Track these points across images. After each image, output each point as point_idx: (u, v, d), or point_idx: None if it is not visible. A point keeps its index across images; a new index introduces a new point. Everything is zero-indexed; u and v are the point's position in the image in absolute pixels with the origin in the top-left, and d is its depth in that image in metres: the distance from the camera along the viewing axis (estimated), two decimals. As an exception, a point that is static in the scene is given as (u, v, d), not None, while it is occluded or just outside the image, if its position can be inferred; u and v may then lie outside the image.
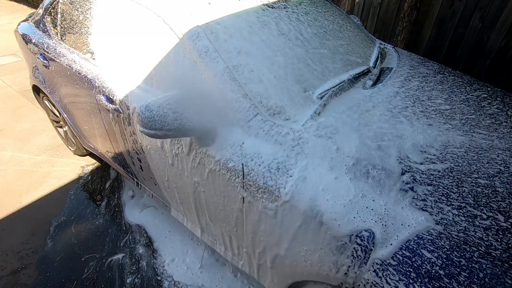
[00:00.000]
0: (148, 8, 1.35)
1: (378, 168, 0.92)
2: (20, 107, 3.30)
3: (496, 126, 1.16)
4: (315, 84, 1.23)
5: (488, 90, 1.45)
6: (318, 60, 1.32)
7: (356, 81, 1.36)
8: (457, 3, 2.41)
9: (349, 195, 0.87)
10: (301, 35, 1.37)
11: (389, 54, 1.74)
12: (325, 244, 0.89)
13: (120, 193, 2.24)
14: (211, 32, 1.21)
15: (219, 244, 1.43)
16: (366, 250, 0.81)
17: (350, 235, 0.83)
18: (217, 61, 1.14)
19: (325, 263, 0.91)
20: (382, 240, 0.80)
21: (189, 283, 1.61)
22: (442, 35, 2.59)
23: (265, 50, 1.23)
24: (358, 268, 0.82)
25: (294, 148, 1.00)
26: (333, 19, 1.63)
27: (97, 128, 1.83)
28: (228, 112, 1.11)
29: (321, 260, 0.92)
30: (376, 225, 0.82)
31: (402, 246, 0.78)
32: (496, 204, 0.84)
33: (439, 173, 0.93)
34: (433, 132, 1.08)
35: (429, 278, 0.72)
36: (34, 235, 1.90)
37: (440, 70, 1.60)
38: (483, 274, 0.70)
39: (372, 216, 0.83)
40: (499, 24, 2.27)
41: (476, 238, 0.76)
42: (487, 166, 0.97)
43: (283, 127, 1.05)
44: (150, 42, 1.35)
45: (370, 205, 0.85)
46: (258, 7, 1.39)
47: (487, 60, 2.42)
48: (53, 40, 1.95)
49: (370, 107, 1.18)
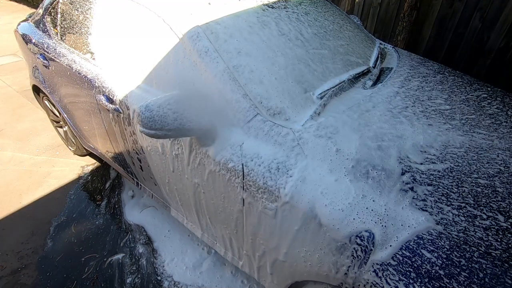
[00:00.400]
0: (148, 8, 1.35)
1: (378, 169, 0.92)
2: (20, 107, 3.30)
3: (496, 126, 1.16)
4: (315, 84, 1.23)
5: (488, 90, 1.45)
6: (318, 60, 1.32)
7: (356, 81, 1.36)
8: (457, 3, 2.41)
9: (349, 197, 0.87)
10: (301, 35, 1.37)
11: (389, 54, 1.74)
12: (324, 245, 0.89)
13: (120, 193, 2.24)
14: (211, 32, 1.21)
15: (219, 244, 1.44)
16: (366, 250, 0.81)
17: (350, 236, 0.83)
18: (217, 61, 1.14)
19: (325, 264, 0.91)
20: (382, 241, 0.80)
21: (189, 283, 1.61)
22: (442, 35, 2.59)
23: (265, 51, 1.23)
24: (358, 268, 0.82)
25: (294, 148, 1.00)
26: (333, 19, 1.63)
27: (97, 128, 1.83)
28: (228, 112, 1.11)
29: (321, 261, 0.92)
30: (376, 226, 0.82)
31: (402, 246, 0.78)
32: (496, 204, 0.84)
33: (439, 173, 0.93)
34: (433, 132, 1.08)
35: (429, 278, 0.72)
36: (34, 235, 1.90)
37: (440, 70, 1.60)
38: (483, 274, 0.70)
39: (372, 217, 0.83)
40: (499, 24, 2.27)
41: (476, 238, 0.76)
42: (487, 166, 0.97)
43: (283, 128, 1.05)
44: (150, 42, 1.35)
45: (370, 205, 0.85)
46: (258, 7, 1.39)
47: (487, 60, 2.42)
48: (53, 40, 1.95)
49: (370, 107, 1.18)
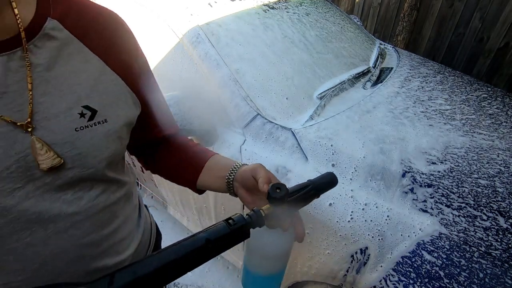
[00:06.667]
0: (148, 8, 1.35)
1: (379, 169, 0.92)
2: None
3: (496, 126, 1.16)
4: (315, 84, 1.23)
5: (488, 90, 1.45)
6: (318, 60, 1.32)
7: (356, 81, 1.36)
8: (457, 3, 2.41)
9: (351, 199, 0.87)
10: (301, 36, 1.37)
11: (389, 54, 1.74)
12: (326, 249, 0.89)
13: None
14: (211, 33, 1.21)
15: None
16: (365, 252, 0.81)
17: (352, 238, 0.83)
18: (217, 62, 1.15)
19: (325, 265, 0.91)
20: (384, 246, 0.80)
21: (189, 283, 1.61)
22: (442, 35, 2.59)
23: (265, 51, 1.23)
24: (357, 271, 0.83)
25: (294, 149, 1.00)
26: (333, 19, 1.63)
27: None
28: (228, 113, 1.11)
29: (322, 263, 0.92)
30: (378, 231, 0.82)
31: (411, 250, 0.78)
32: (496, 204, 0.84)
33: (439, 173, 0.93)
34: (434, 133, 1.08)
35: (429, 279, 0.72)
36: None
37: (440, 70, 1.60)
38: (483, 274, 0.70)
39: (373, 219, 0.83)
40: (499, 24, 2.27)
41: (476, 238, 0.76)
42: (487, 166, 0.97)
43: (283, 128, 1.05)
44: (150, 43, 1.35)
45: (371, 208, 0.85)
46: (259, 7, 1.39)
47: (487, 60, 2.43)
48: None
49: (371, 108, 1.18)
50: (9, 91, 0.40)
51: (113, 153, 0.49)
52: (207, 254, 0.43)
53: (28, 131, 0.41)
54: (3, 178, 0.40)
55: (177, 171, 0.66)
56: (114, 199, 0.54)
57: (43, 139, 0.42)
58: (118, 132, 0.49)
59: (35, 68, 0.41)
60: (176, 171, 0.66)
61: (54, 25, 0.43)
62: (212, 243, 0.42)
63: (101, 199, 0.51)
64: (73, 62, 0.45)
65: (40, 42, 0.42)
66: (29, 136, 0.41)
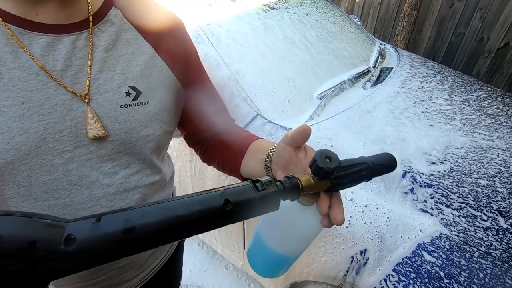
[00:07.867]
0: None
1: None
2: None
3: (496, 126, 1.16)
4: (315, 84, 1.23)
5: (488, 90, 1.45)
6: (318, 60, 1.32)
7: (356, 81, 1.36)
8: (457, 3, 2.41)
9: (349, 202, 0.88)
10: (302, 36, 1.37)
11: (389, 54, 1.74)
12: (326, 251, 0.89)
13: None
14: (212, 34, 1.21)
15: (220, 244, 1.44)
16: (365, 253, 0.81)
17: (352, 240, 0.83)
18: (217, 62, 1.15)
19: (326, 266, 0.91)
20: (383, 249, 0.80)
21: (189, 283, 1.61)
22: (442, 35, 2.59)
23: (265, 51, 1.23)
24: (356, 272, 0.83)
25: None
26: (333, 19, 1.63)
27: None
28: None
29: (322, 263, 0.92)
30: (377, 233, 0.82)
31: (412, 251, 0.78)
32: (496, 204, 0.85)
33: (439, 173, 0.93)
34: (434, 133, 1.08)
35: (429, 279, 0.72)
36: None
37: (440, 70, 1.60)
38: (483, 274, 0.70)
39: (373, 221, 0.83)
40: (499, 24, 2.27)
41: (476, 238, 0.76)
42: (487, 166, 0.97)
43: (283, 128, 1.05)
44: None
45: (371, 210, 0.85)
46: (259, 7, 1.39)
47: (487, 60, 2.43)
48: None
49: (371, 108, 1.18)
50: (73, 65, 0.45)
51: (151, 134, 0.53)
52: (221, 218, 0.33)
53: (84, 102, 0.46)
54: (56, 139, 0.45)
55: (224, 160, 0.65)
56: (147, 182, 0.57)
57: (94, 110, 0.47)
58: (157, 114, 0.53)
59: (96, 48, 0.47)
60: (223, 160, 0.66)
61: (116, 13, 0.50)
62: (231, 205, 0.33)
63: (133, 178, 0.54)
64: (128, 46, 0.51)
65: (103, 26, 0.48)
66: (85, 106, 0.46)
